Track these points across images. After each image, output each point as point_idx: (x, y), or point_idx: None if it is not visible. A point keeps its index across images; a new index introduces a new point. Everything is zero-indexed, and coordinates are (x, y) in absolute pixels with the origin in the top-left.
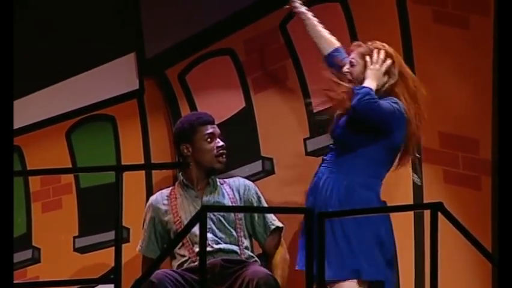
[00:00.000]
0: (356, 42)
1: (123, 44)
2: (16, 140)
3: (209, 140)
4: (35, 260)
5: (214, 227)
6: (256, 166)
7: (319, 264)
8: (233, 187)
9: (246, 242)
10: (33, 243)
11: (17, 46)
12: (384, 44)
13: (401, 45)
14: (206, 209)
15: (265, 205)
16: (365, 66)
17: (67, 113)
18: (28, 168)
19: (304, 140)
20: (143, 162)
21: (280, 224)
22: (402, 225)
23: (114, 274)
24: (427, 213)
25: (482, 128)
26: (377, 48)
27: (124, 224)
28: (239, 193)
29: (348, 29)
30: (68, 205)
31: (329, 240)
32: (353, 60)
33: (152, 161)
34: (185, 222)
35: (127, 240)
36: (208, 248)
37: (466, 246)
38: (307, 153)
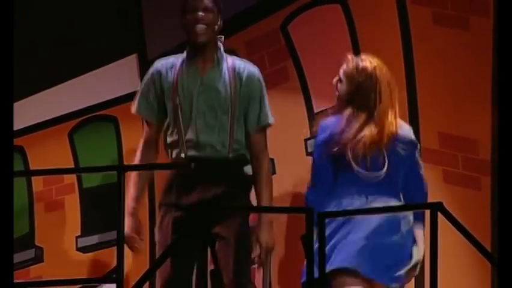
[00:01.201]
0: (348, 57)
1: (125, 45)
2: (19, 140)
3: (191, 13)
4: (38, 259)
5: (206, 111)
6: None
7: (320, 264)
8: (238, 70)
9: (237, 133)
10: (36, 243)
11: (21, 47)
12: (371, 64)
13: (401, 46)
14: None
15: (266, 97)
16: (349, 85)
17: (70, 114)
18: (31, 168)
19: (305, 140)
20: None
21: (267, 123)
22: None
23: (116, 273)
24: (427, 213)
25: (482, 128)
26: (364, 67)
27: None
28: (241, 79)
29: (348, 30)
30: (70, 205)
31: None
32: (340, 76)
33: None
34: (182, 104)
35: None
36: (195, 138)
37: (466, 246)
38: (308, 154)
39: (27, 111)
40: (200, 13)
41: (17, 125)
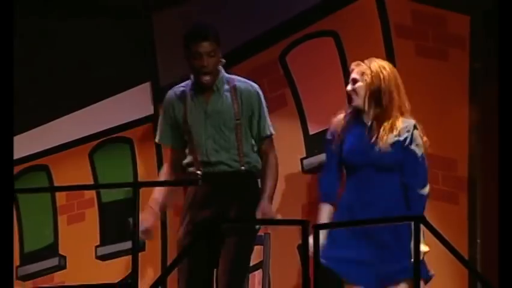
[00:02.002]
0: (355, 62)
1: (140, 74)
2: (44, 159)
3: (197, 59)
4: (62, 267)
5: (214, 134)
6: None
7: (314, 271)
8: (238, 91)
9: (246, 147)
10: (60, 252)
11: (46, 76)
12: (380, 65)
13: None
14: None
15: (265, 110)
16: (366, 83)
17: (90, 136)
18: (55, 185)
19: (301, 159)
20: (157, 179)
21: (270, 132)
22: None
23: (131, 279)
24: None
25: (460, 148)
26: (370, 68)
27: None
28: (241, 98)
29: (340, 60)
30: (90, 218)
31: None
32: (355, 78)
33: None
34: (192, 131)
35: (143, 249)
36: (207, 159)
37: (445, 255)
38: (304, 172)
39: (52, 134)
40: (205, 60)
41: (43, 146)
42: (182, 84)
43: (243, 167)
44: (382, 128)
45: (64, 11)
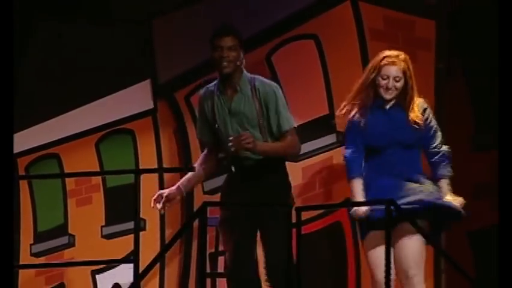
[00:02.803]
0: (387, 58)
1: (141, 72)
2: (55, 148)
3: (217, 51)
4: (71, 244)
5: (239, 130)
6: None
7: (297, 253)
8: (257, 91)
9: (272, 138)
10: (69, 231)
11: (56, 75)
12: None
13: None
14: (206, 205)
15: (282, 106)
16: (405, 80)
17: (96, 127)
18: (65, 171)
19: None
20: (156, 166)
21: (289, 127)
22: None
23: (133, 256)
24: None
25: None
26: (406, 60)
27: (141, 216)
28: (263, 99)
29: (320, 60)
30: (97, 201)
31: None
32: (397, 77)
33: (164, 166)
34: (219, 128)
35: (144, 229)
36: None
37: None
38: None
39: (63, 126)
40: (225, 52)
41: (54, 137)
42: (211, 84)
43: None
44: (407, 110)
45: (75, 17)
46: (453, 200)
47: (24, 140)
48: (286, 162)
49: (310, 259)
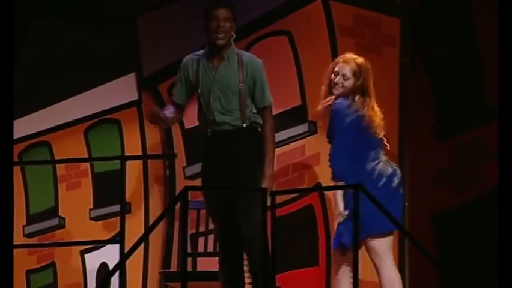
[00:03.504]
0: (342, 58)
1: (126, 66)
2: (46, 137)
3: (213, 21)
4: (61, 226)
5: (220, 96)
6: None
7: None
8: (245, 62)
9: (247, 110)
10: (60, 214)
11: (51, 67)
12: (362, 61)
13: None
14: (188, 189)
15: (266, 83)
16: (355, 81)
17: (85, 117)
18: (56, 158)
19: None
20: (141, 153)
21: (270, 102)
22: None
23: (119, 237)
24: None
25: (391, 127)
26: (360, 64)
27: (126, 200)
28: (247, 69)
29: (293, 55)
30: (85, 185)
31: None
32: (346, 74)
33: (148, 153)
34: (202, 92)
35: (129, 212)
36: (213, 118)
37: None
38: None
39: (53, 115)
40: (221, 22)
41: (45, 126)
42: (199, 51)
43: (244, 124)
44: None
45: (66, 15)
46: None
47: (17, 128)
48: None
49: (285, 239)
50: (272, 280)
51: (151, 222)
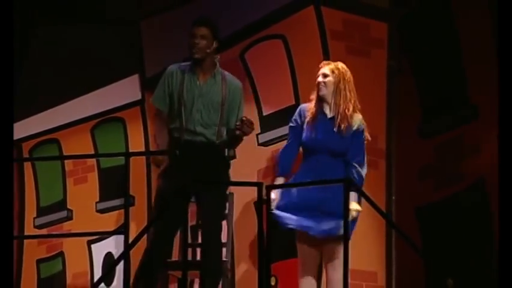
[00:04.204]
0: (325, 61)
1: (130, 68)
2: (55, 134)
3: (192, 38)
4: (69, 218)
5: (202, 110)
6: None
7: (267, 222)
8: (228, 83)
9: (222, 128)
10: (68, 206)
11: (61, 69)
12: (344, 67)
13: None
14: (188, 184)
15: (243, 105)
16: (334, 80)
17: (91, 116)
18: (64, 154)
19: (257, 135)
20: (144, 150)
21: None
22: None
23: (124, 228)
24: None
25: (379, 126)
26: (337, 68)
27: (130, 193)
28: (229, 90)
29: (287, 57)
30: (92, 180)
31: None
32: (326, 73)
33: (150, 149)
34: (185, 102)
35: (133, 204)
36: (193, 128)
37: (369, 210)
38: (258, 144)
39: (62, 114)
40: (197, 40)
41: (54, 124)
42: (186, 63)
43: (217, 141)
44: (342, 122)
45: (74, 19)
46: (353, 207)
47: (28, 126)
48: (260, 147)
49: (278, 231)
50: (267, 269)
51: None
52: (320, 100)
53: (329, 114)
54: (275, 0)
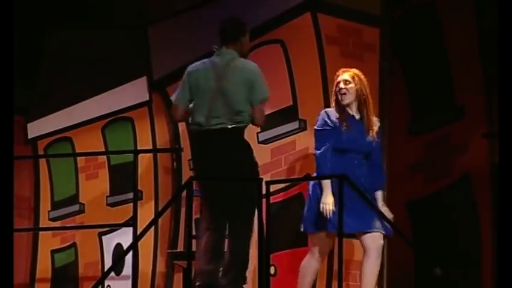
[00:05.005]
0: (342, 69)
1: (139, 70)
2: (68, 133)
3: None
4: (81, 211)
5: (219, 100)
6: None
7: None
8: (241, 67)
9: (245, 113)
10: (80, 201)
11: (74, 72)
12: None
13: (319, 74)
14: (192, 179)
15: (262, 83)
16: (355, 86)
17: (102, 115)
18: (77, 152)
19: (257, 133)
20: (151, 147)
21: (265, 96)
22: None
23: (132, 221)
24: None
25: None
26: (357, 75)
27: (138, 188)
28: (247, 75)
29: (285, 61)
30: (102, 176)
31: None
32: (347, 79)
33: (158, 147)
34: (204, 95)
35: (141, 199)
36: (218, 117)
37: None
38: (258, 142)
39: (74, 114)
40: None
41: (67, 123)
42: (203, 60)
43: (230, 125)
44: (369, 124)
45: (86, 25)
46: (388, 212)
47: (43, 125)
48: (260, 144)
49: (278, 223)
50: (267, 259)
51: (160, 208)
52: (345, 106)
53: (356, 117)
54: (274, 7)
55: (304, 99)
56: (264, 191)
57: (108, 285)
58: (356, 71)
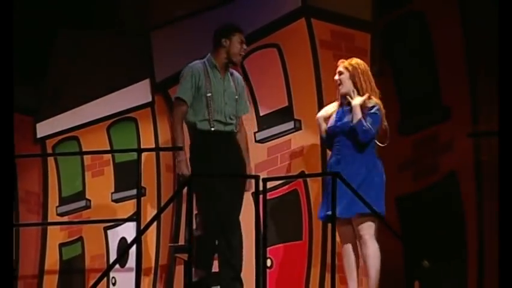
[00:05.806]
0: (340, 60)
1: (142, 73)
2: (75, 132)
3: (242, 44)
4: (87, 207)
5: (227, 101)
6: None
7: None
8: (235, 78)
9: (238, 118)
10: (87, 197)
11: (80, 75)
12: (356, 61)
13: (313, 76)
14: (193, 176)
15: (245, 92)
16: (349, 75)
17: (107, 116)
18: (83, 150)
19: (254, 133)
20: (154, 146)
21: (247, 111)
22: None
23: (136, 216)
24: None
25: None
26: (351, 64)
27: (142, 185)
28: (238, 83)
29: (281, 64)
30: (108, 173)
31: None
32: (340, 70)
33: (160, 146)
34: (213, 97)
35: (144, 195)
36: (224, 120)
37: None
38: (256, 141)
39: (81, 114)
40: (245, 46)
41: (74, 123)
42: (200, 60)
43: (235, 129)
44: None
45: (93, 30)
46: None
47: (51, 125)
48: (257, 143)
49: (274, 218)
50: (264, 252)
51: (162, 204)
52: (342, 96)
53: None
54: (270, 13)
55: (299, 100)
56: (261, 188)
57: (113, 277)
58: (352, 60)
